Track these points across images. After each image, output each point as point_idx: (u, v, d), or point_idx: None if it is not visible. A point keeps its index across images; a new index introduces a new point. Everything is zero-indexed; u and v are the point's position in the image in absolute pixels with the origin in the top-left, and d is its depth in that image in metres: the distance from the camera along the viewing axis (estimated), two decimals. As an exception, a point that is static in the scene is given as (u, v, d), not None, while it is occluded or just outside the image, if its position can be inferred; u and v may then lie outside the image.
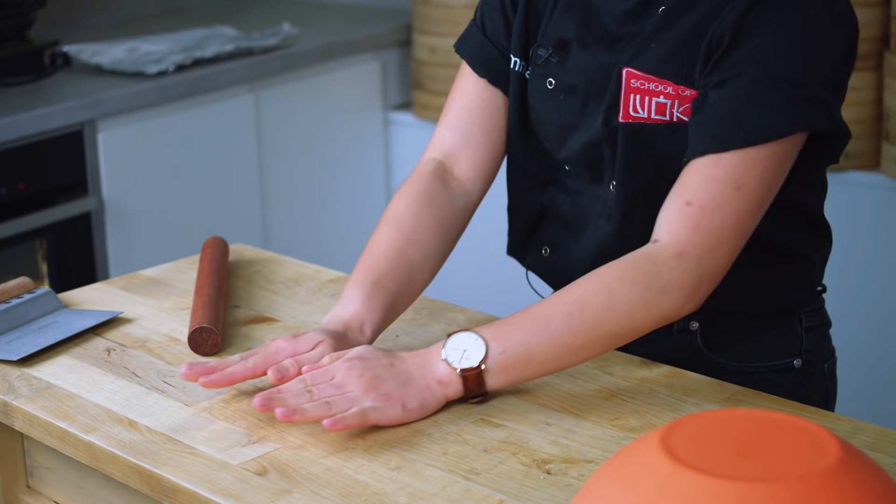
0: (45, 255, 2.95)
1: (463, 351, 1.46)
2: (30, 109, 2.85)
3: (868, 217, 3.00)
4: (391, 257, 1.63)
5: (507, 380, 1.47)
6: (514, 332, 1.47)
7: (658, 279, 1.47)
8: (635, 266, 1.48)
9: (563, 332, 1.46)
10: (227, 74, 3.22)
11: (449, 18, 3.49)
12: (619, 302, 1.46)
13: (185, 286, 1.86)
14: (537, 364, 1.47)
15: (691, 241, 1.47)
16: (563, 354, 1.47)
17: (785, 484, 0.95)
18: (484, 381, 1.46)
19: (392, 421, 1.43)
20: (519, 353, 1.46)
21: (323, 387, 1.43)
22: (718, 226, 1.47)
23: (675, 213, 1.49)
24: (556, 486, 1.31)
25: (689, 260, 1.47)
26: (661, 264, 1.47)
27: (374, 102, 3.66)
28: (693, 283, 1.47)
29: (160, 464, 1.37)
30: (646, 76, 1.55)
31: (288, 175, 3.43)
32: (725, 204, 1.47)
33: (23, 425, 1.53)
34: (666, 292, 1.47)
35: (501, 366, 1.46)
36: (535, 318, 1.47)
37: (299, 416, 1.39)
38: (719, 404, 1.49)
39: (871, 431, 1.41)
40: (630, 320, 1.47)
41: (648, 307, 1.47)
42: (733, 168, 1.47)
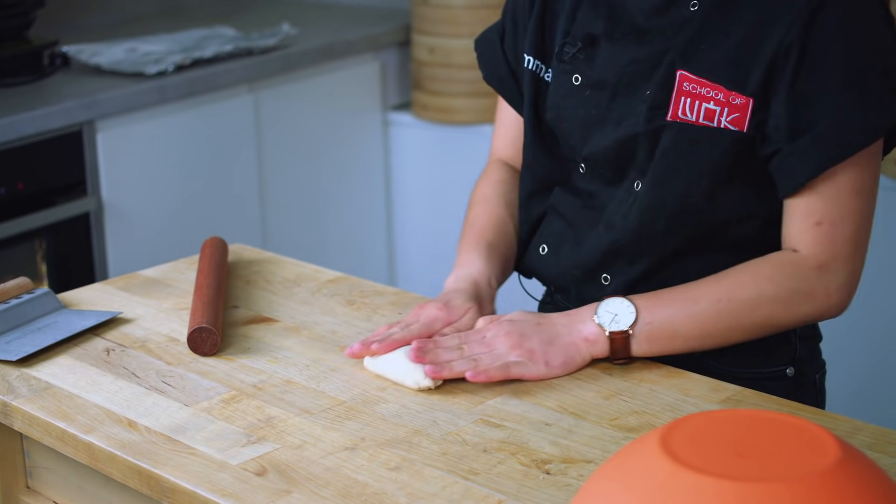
0: (45, 255, 2.95)
1: (614, 315, 1.55)
2: (29, 110, 2.84)
3: (867, 217, 2.99)
4: (495, 228, 1.78)
5: (650, 349, 1.56)
6: (665, 306, 1.56)
7: (804, 284, 1.56)
8: (782, 270, 1.56)
9: (709, 316, 1.55)
10: (227, 75, 3.22)
11: (448, 19, 3.49)
12: (766, 299, 1.55)
13: (184, 286, 1.86)
14: (680, 340, 1.56)
15: (830, 253, 1.56)
16: (705, 335, 1.56)
17: (784, 484, 0.95)
18: (629, 346, 1.55)
19: (535, 376, 1.53)
20: (665, 326, 1.55)
21: (473, 344, 1.55)
22: (851, 234, 1.57)
23: (808, 234, 1.57)
24: (555, 487, 1.31)
25: (831, 270, 1.57)
26: (806, 273, 1.56)
27: (374, 103, 3.66)
28: (839, 288, 1.57)
29: (159, 464, 1.37)
30: (699, 80, 1.57)
31: (287, 175, 3.43)
32: (851, 212, 1.57)
33: (22, 425, 1.53)
34: (810, 297, 1.56)
35: (647, 335, 1.55)
36: (685, 297, 1.56)
37: (447, 371, 1.51)
38: (718, 404, 1.49)
39: (870, 431, 1.41)
40: (772, 317, 1.57)
41: (790, 308, 1.56)
42: (849, 177, 1.55)
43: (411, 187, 3.71)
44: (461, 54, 3.45)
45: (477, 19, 3.45)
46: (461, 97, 3.48)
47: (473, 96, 3.47)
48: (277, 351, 1.64)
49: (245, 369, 1.59)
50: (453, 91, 3.50)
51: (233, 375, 1.58)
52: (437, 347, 1.54)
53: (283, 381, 1.56)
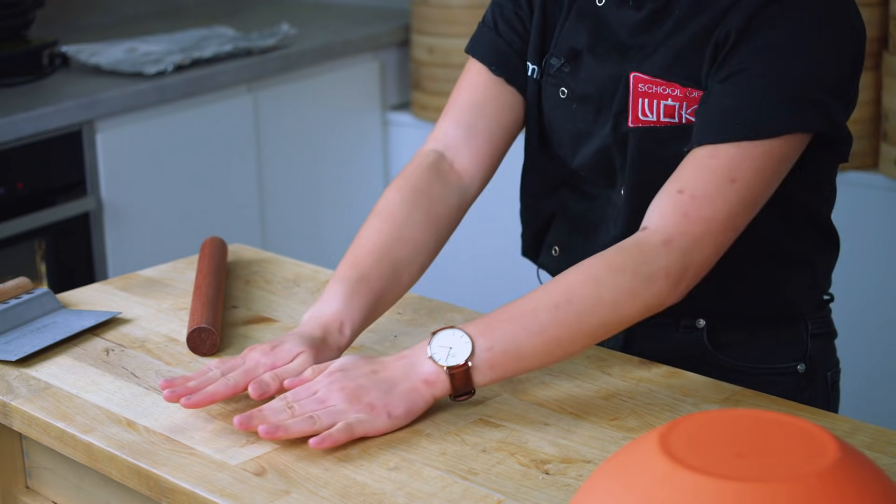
0: (44, 255, 2.94)
1: (449, 349, 1.43)
2: (28, 110, 2.84)
3: (866, 217, 3.00)
4: (378, 254, 1.61)
5: (495, 376, 1.44)
6: (501, 326, 1.44)
7: (644, 266, 1.45)
8: (623, 253, 1.47)
9: (550, 325, 1.43)
10: (226, 75, 3.22)
11: (447, 19, 3.49)
12: (607, 291, 1.44)
13: (183, 286, 1.86)
14: (527, 359, 1.44)
15: (679, 228, 1.46)
16: (552, 348, 1.44)
17: (783, 484, 0.95)
18: (472, 379, 1.43)
19: (379, 430, 1.41)
20: (507, 348, 1.43)
21: (305, 402, 1.41)
22: (708, 216, 1.46)
23: (666, 200, 1.48)
24: (554, 486, 1.31)
25: (676, 247, 1.46)
26: (649, 251, 1.46)
27: (373, 103, 3.66)
28: (678, 271, 1.46)
29: (158, 464, 1.37)
30: (653, 80, 1.56)
31: (286, 175, 3.43)
32: (717, 195, 1.46)
33: (21, 425, 1.53)
34: (652, 279, 1.45)
35: (489, 362, 1.43)
36: (521, 311, 1.45)
37: (283, 432, 1.38)
38: (718, 404, 1.49)
39: (869, 431, 1.41)
40: (617, 309, 1.45)
41: (635, 296, 1.45)
42: (729, 160, 1.47)
43: (410, 187, 3.71)
44: (460, 54, 3.44)
45: (476, 19, 3.43)
46: (460, 97, 3.48)
47: (473, 96, 3.47)
48: (276, 351, 1.64)
49: (244, 369, 1.59)
50: (452, 90, 3.50)
51: (232, 375, 1.57)
52: (263, 413, 1.40)
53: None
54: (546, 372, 1.56)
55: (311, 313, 1.56)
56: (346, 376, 1.43)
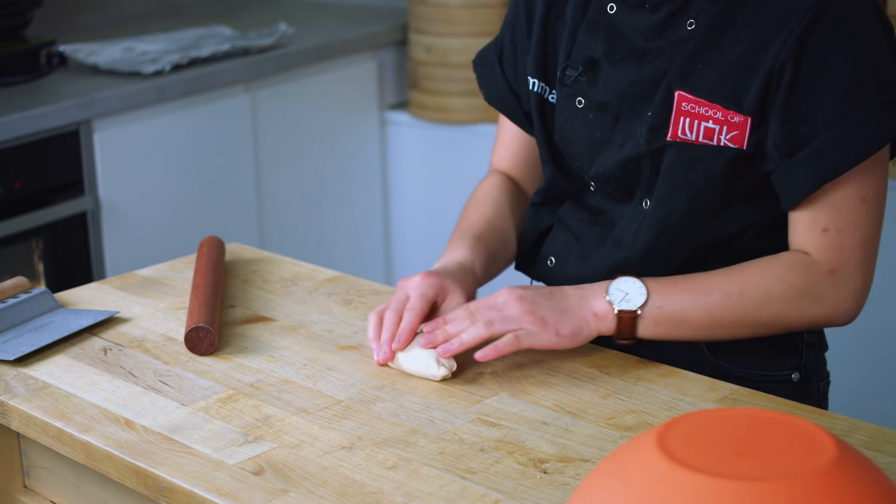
0: (42, 254, 2.94)
1: (625, 294, 1.55)
2: (26, 109, 2.84)
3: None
4: (487, 223, 1.77)
5: (656, 332, 1.56)
6: (676, 292, 1.56)
7: (813, 287, 1.56)
8: (794, 271, 1.56)
9: (718, 308, 1.55)
10: (224, 74, 3.22)
11: (445, 18, 3.49)
12: (776, 299, 1.55)
13: (181, 286, 1.86)
14: (687, 328, 1.56)
15: (840, 259, 1.57)
16: (712, 326, 1.56)
17: (781, 482, 0.95)
18: (636, 327, 1.55)
19: (545, 345, 1.53)
20: (675, 312, 1.55)
21: (483, 310, 1.53)
22: (859, 241, 1.57)
23: (815, 240, 1.57)
24: (552, 486, 1.31)
25: (841, 276, 1.57)
26: (817, 276, 1.56)
27: (371, 102, 3.66)
28: (849, 295, 1.58)
29: (156, 463, 1.37)
30: (697, 100, 1.57)
31: (284, 175, 3.43)
32: (858, 219, 1.56)
33: (19, 425, 1.53)
34: (819, 301, 1.56)
35: (655, 318, 1.55)
36: (698, 286, 1.56)
37: (457, 344, 1.52)
38: (716, 403, 1.49)
39: (867, 430, 1.42)
40: (781, 316, 1.57)
41: (800, 310, 1.56)
42: (853, 186, 1.54)
43: (408, 186, 3.71)
44: (458, 53, 3.45)
45: (474, 18, 3.44)
46: (458, 96, 3.48)
47: (470, 95, 3.47)
48: (274, 350, 1.64)
49: (242, 369, 1.59)
50: (450, 90, 3.50)
51: (230, 375, 1.58)
52: (445, 324, 1.54)
53: (280, 381, 1.56)
54: (544, 371, 1.56)
55: (442, 262, 1.68)
56: (526, 291, 1.55)
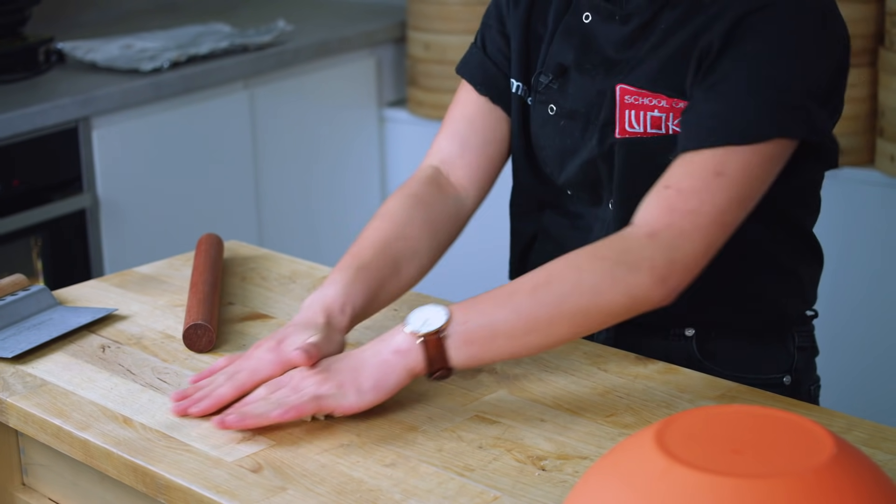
0: (40, 252, 2.94)
1: (424, 320, 1.43)
2: (24, 106, 2.84)
3: (862, 213, 3.00)
4: (378, 247, 1.62)
5: (470, 353, 1.42)
6: (479, 304, 1.44)
7: (627, 255, 1.43)
8: (605, 243, 1.46)
9: (528, 305, 1.42)
10: (222, 71, 3.22)
11: (444, 15, 3.49)
12: (587, 274, 1.43)
13: (179, 283, 1.86)
14: (502, 338, 1.42)
15: (664, 221, 1.45)
16: (528, 329, 1.42)
17: (780, 480, 0.95)
18: (446, 352, 1.42)
19: (349, 408, 1.42)
20: (482, 324, 1.42)
21: (282, 390, 1.44)
22: (694, 209, 1.44)
23: (652, 197, 1.48)
24: (550, 483, 1.31)
25: (661, 240, 1.44)
26: (633, 242, 1.44)
27: (369, 99, 3.66)
28: (664, 264, 1.43)
29: (155, 461, 1.37)
30: (639, 91, 1.56)
31: (283, 172, 3.43)
32: (703, 188, 1.45)
33: (17, 422, 1.53)
34: (635, 268, 1.42)
35: (464, 336, 1.42)
36: (501, 292, 1.45)
37: (252, 420, 1.40)
38: (714, 401, 1.49)
39: (865, 427, 1.42)
40: (597, 296, 1.42)
41: (616, 282, 1.42)
42: (714, 157, 1.46)
43: (407, 184, 3.71)
44: (456, 51, 3.45)
45: (473, 15, 3.44)
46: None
47: (469, 93, 3.47)
48: (273, 347, 1.64)
49: (240, 366, 1.59)
50: (449, 87, 3.50)
51: (228, 372, 1.57)
52: (243, 405, 1.44)
53: (278, 378, 1.56)
54: (542, 368, 1.56)
55: (310, 299, 1.56)
56: (322, 362, 1.46)
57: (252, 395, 1.45)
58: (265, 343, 1.51)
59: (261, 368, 1.48)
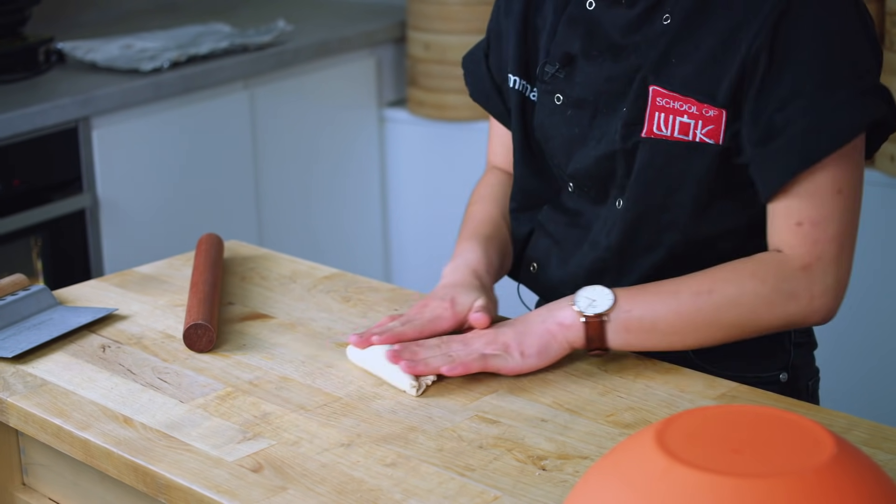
0: (40, 252, 2.94)
1: (592, 300, 1.52)
2: (24, 106, 2.84)
3: (863, 213, 2.99)
4: (493, 224, 1.76)
5: (627, 340, 1.52)
6: (645, 296, 1.53)
7: (786, 283, 1.52)
8: (765, 267, 1.53)
9: (689, 308, 1.52)
10: (222, 71, 3.22)
11: (444, 15, 3.48)
12: (747, 294, 1.51)
13: (180, 283, 1.86)
14: (659, 333, 1.52)
15: (814, 254, 1.53)
16: (685, 330, 1.52)
17: (780, 479, 0.95)
18: (605, 334, 1.51)
19: (512, 369, 1.52)
20: (644, 316, 1.52)
21: (452, 343, 1.54)
22: (834, 235, 1.53)
23: (789, 235, 1.53)
24: (551, 483, 1.31)
25: (815, 271, 1.52)
26: (790, 273, 1.52)
27: (369, 99, 3.66)
28: (824, 291, 1.53)
29: (155, 460, 1.37)
30: (671, 94, 1.56)
31: (283, 172, 3.43)
32: (833, 211, 1.53)
33: (18, 422, 1.53)
34: (793, 298, 1.52)
35: (625, 324, 1.51)
36: (665, 289, 1.53)
37: (422, 366, 1.50)
38: (714, 400, 1.49)
39: (865, 427, 1.42)
40: (753, 314, 1.52)
41: (772, 307, 1.52)
42: (828, 177, 1.52)
43: (407, 184, 3.71)
44: (456, 50, 3.45)
45: (473, 15, 3.44)
46: (456, 93, 3.48)
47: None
48: (273, 347, 1.64)
49: (241, 366, 1.59)
50: (449, 87, 3.50)
51: (228, 372, 1.58)
52: (416, 346, 1.54)
53: (278, 378, 1.56)
54: (543, 368, 1.56)
55: (454, 265, 1.68)
56: (493, 325, 1.56)
57: (425, 342, 1.54)
58: (433, 302, 1.60)
59: (439, 322, 1.58)
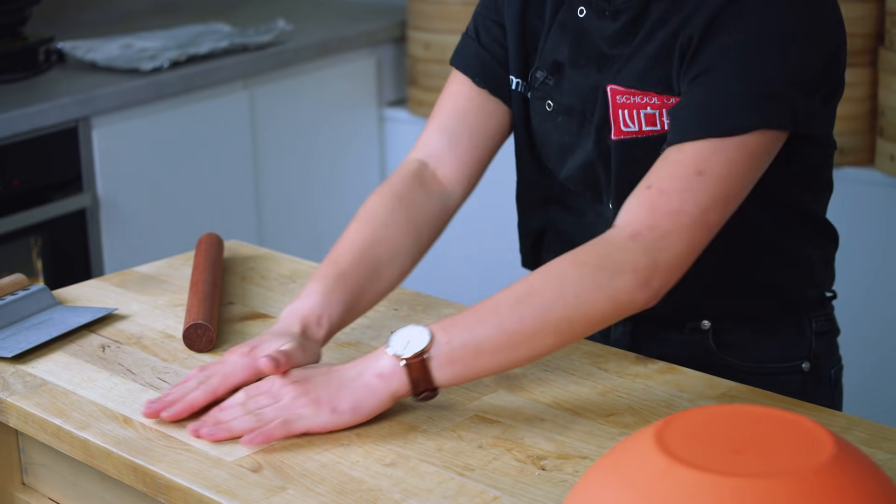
0: (40, 251, 2.94)
1: (407, 342, 1.41)
2: (24, 106, 2.84)
3: (862, 213, 3.00)
4: (357, 253, 1.60)
5: (454, 372, 1.41)
6: (462, 322, 1.41)
7: (609, 259, 1.41)
8: (587, 248, 1.43)
9: (510, 320, 1.40)
10: (222, 71, 3.22)
11: (444, 15, 3.49)
12: (569, 284, 1.40)
13: (179, 283, 1.86)
14: (486, 355, 1.40)
15: (646, 222, 1.42)
16: (512, 344, 1.40)
17: (780, 479, 0.95)
18: (430, 373, 1.40)
19: (322, 427, 1.40)
20: (466, 343, 1.40)
21: (259, 397, 1.43)
22: (676, 209, 1.42)
23: (634, 198, 1.46)
24: (550, 482, 1.31)
25: (643, 241, 1.41)
26: (614, 245, 1.42)
27: (369, 99, 3.66)
28: (647, 266, 1.40)
29: (155, 460, 1.37)
30: (629, 90, 1.55)
31: (282, 172, 3.43)
32: (685, 188, 1.43)
33: (17, 422, 1.53)
34: (618, 273, 1.40)
35: (448, 356, 1.40)
36: (483, 308, 1.42)
37: (226, 431, 1.40)
38: (714, 400, 1.49)
39: (865, 427, 1.41)
40: (581, 303, 1.40)
41: (599, 288, 1.40)
42: (696, 154, 1.44)
43: (407, 183, 3.71)
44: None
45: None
46: (457, 93, 3.47)
47: (469, 92, 3.47)
48: (273, 347, 1.64)
49: (240, 366, 1.59)
50: (449, 87, 3.50)
51: (228, 372, 1.57)
52: (219, 411, 1.43)
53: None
54: (542, 368, 1.56)
55: (288, 310, 1.56)
56: (302, 373, 1.44)
57: (229, 401, 1.44)
58: (238, 349, 1.51)
59: (233, 373, 1.47)
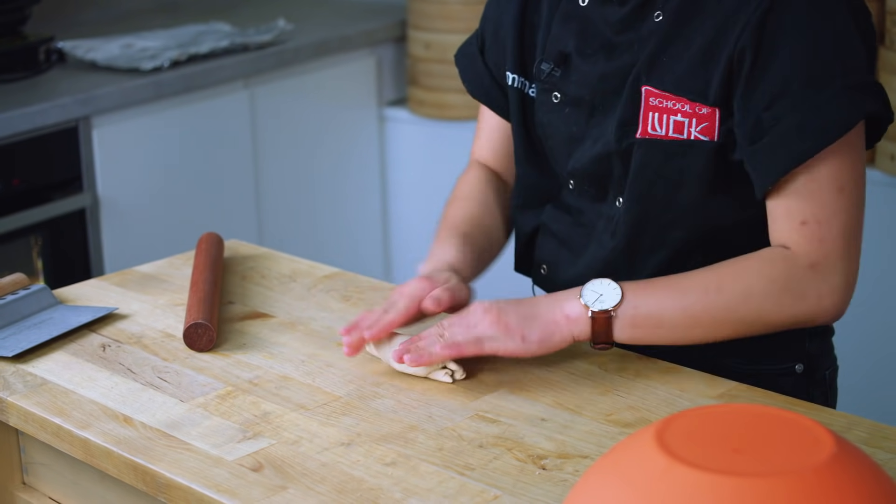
0: (40, 251, 2.94)
1: (599, 294, 1.51)
2: (24, 105, 2.84)
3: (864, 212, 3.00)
4: (473, 222, 1.74)
5: (633, 335, 1.51)
6: (652, 292, 1.51)
7: (795, 283, 1.51)
8: (772, 265, 1.52)
9: (696, 306, 1.50)
10: (222, 70, 3.22)
11: (444, 14, 3.49)
12: (755, 294, 1.50)
13: (180, 282, 1.86)
14: (665, 329, 1.51)
15: (821, 252, 1.51)
16: (691, 326, 1.51)
17: (780, 479, 0.95)
18: (612, 329, 1.50)
19: (510, 351, 1.50)
20: (651, 313, 1.50)
21: (454, 328, 1.52)
22: (840, 232, 1.52)
23: (796, 234, 1.52)
24: (551, 482, 1.31)
25: (823, 270, 1.51)
26: (798, 271, 1.51)
27: (369, 98, 3.66)
28: (832, 291, 1.51)
29: (155, 460, 1.37)
30: (664, 94, 1.55)
31: (283, 171, 3.43)
32: (836, 209, 1.52)
33: (18, 421, 1.53)
34: (801, 297, 1.51)
35: (631, 319, 1.50)
36: (674, 285, 1.52)
37: (426, 356, 1.50)
38: (714, 400, 1.49)
39: (865, 426, 1.42)
40: (760, 313, 1.51)
41: (782, 307, 1.51)
42: (828, 174, 1.51)
43: (407, 183, 3.71)
44: (456, 50, 3.45)
45: (473, 14, 3.44)
46: (457, 93, 3.48)
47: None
48: (273, 347, 1.64)
49: (241, 365, 1.59)
50: (449, 87, 3.50)
51: (228, 371, 1.58)
52: (418, 340, 1.53)
53: (278, 377, 1.56)
54: (542, 367, 1.56)
55: (428, 263, 1.65)
56: (495, 303, 1.53)
57: (427, 331, 1.53)
58: (409, 284, 1.58)
59: (417, 292, 1.56)
